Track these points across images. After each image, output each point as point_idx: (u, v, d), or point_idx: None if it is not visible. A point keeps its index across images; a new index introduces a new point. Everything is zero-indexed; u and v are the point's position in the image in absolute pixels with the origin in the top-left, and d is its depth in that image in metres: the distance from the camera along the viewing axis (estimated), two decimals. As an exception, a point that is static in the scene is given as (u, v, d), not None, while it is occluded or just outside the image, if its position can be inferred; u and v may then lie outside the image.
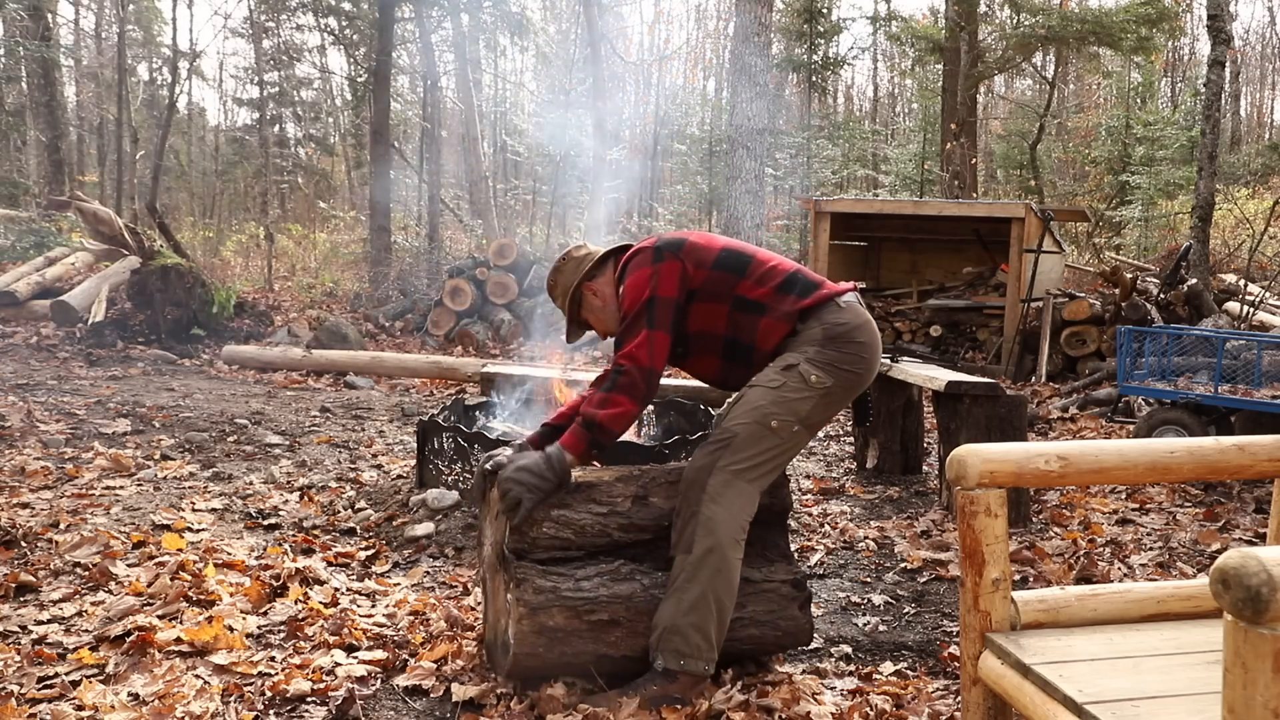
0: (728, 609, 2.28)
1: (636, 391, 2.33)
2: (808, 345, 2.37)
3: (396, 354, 8.60)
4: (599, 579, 2.34)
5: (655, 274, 2.40)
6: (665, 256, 2.42)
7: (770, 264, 2.49)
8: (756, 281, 2.43)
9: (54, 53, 15.43)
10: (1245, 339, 5.06)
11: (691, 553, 2.26)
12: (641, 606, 2.33)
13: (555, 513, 2.34)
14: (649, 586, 2.35)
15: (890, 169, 19.09)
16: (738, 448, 2.31)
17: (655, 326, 2.36)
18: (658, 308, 2.37)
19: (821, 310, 2.40)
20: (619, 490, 2.41)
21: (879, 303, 9.85)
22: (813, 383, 2.33)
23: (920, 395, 4.95)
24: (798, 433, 2.35)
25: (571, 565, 2.35)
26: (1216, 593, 1.12)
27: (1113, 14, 13.06)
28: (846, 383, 2.39)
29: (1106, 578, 3.32)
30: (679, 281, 2.40)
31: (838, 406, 2.44)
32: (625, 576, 2.35)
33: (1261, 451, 1.90)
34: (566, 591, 2.29)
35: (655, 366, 2.35)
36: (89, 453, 4.74)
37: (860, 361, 2.40)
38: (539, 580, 2.29)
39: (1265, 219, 10.37)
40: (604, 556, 2.39)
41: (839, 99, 28.38)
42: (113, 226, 9.92)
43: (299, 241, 17.06)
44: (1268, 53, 28.34)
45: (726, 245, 2.51)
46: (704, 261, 2.44)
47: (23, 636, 2.60)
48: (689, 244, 2.47)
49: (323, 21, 19.19)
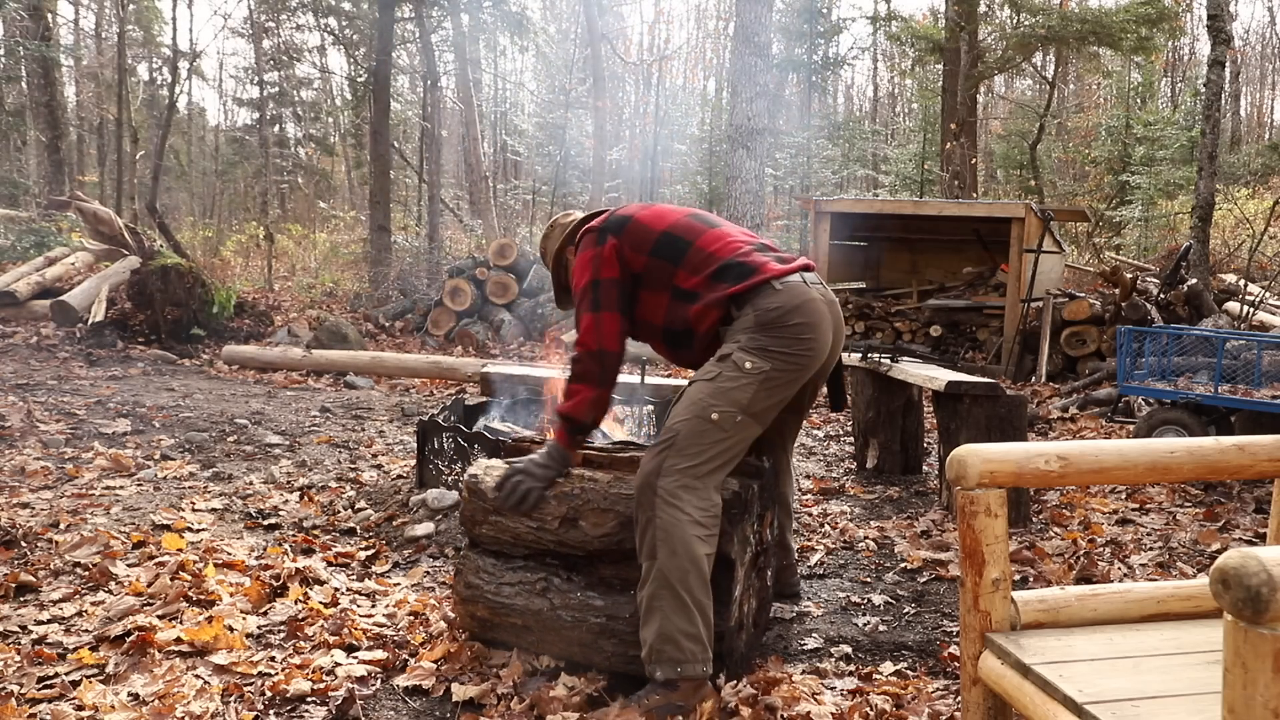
0: (706, 604, 2.27)
1: (591, 376, 2.42)
2: (740, 333, 2.37)
3: (396, 354, 8.60)
4: (519, 588, 2.48)
5: (596, 257, 2.45)
6: (606, 238, 2.47)
7: (711, 248, 2.46)
8: (691, 270, 2.45)
9: (54, 53, 15.43)
10: (1245, 339, 5.06)
11: (657, 559, 2.23)
12: (549, 623, 2.44)
13: (493, 518, 2.48)
14: (557, 606, 2.43)
15: (890, 169, 19.10)
16: (682, 446, 2.29)
17: (600, 309, 2.42)
18: (601, 290, 2.43)
19: (754, 295, 2.39)
20: (550, 510, 2.44)
21: (879, 303, 9.85)
22: (748, 369, 2.32)
23: (920, 395, 4.95)
24: (742, 422, 2.33)
25: (510, 563, 2.51)
26: (1216, 593, 1.12)
27: (1113, 14, 13.06)
28: (786, 365, 2.36)
29: (1106, 578, 3.32)
30: (618, 263, 2.46)
31: (784, 390, 2.40)
32: (539, 592, 2.46)
33: (1261, 451, 1.90)
34: (489, 593, 2.49)
35: (605, 347, 2.41)
36: (89, 453, 4.74)
37: (798, 343, 2.36)
38: (470, 577, 2.50)
39: (1265, 219, 10.37)
40: (545, 559, 2.49)
41: (839, 99, 28.41)
42: (113, 226, 9.92)
43: (299, 241, 17.07)
44: (1268, 53, 28.36)
45: (670, 227, 2.50)
46: (642, 246, 2.47)
47: (23, 636, 2.60)
48: (632, 224, 2.50)
49: (323, 21, 19.20)
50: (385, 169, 12.40)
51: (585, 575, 2.46)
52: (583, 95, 19.52)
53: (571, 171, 19.08)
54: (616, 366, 2.45)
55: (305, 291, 12.95)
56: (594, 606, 2.40)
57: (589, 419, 2.45)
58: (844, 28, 18.96)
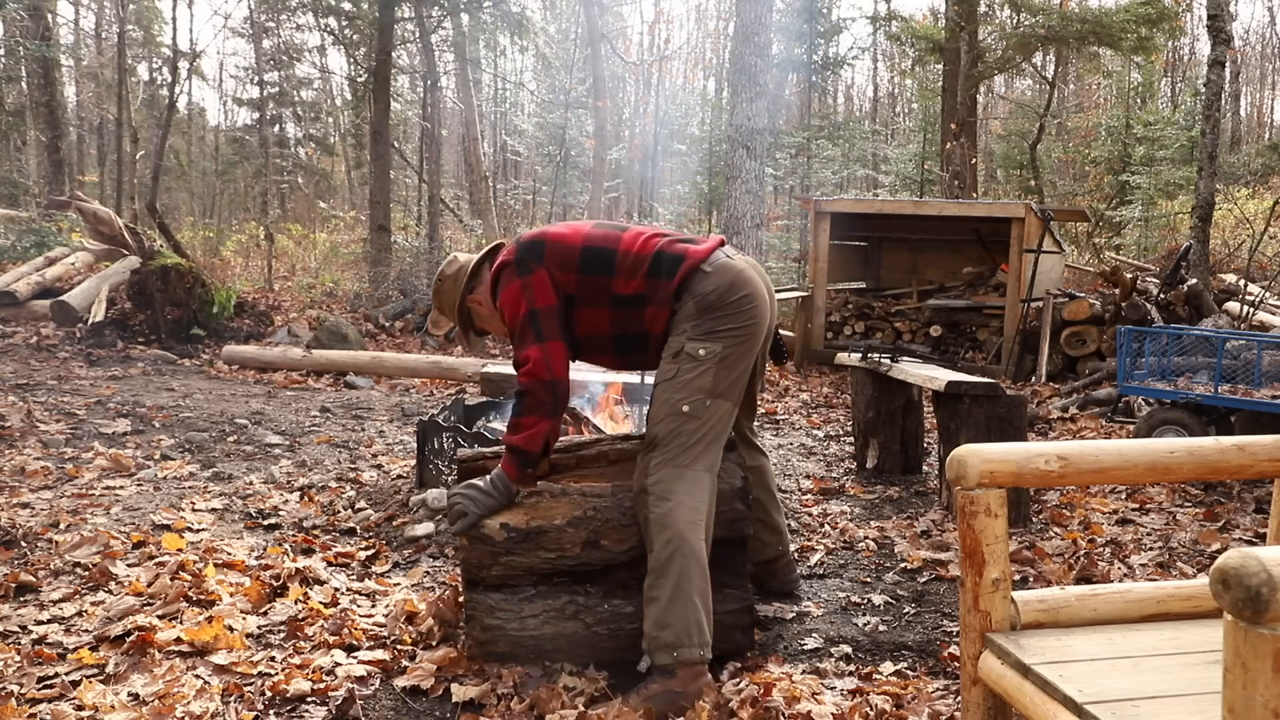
0: (705, 590, 2.33)
1: (544, 408, 2.40)
2: (685, 323, 2.41)
3: (396, 354, 8.60)
4: (544, 616, 2.41)
5: (526, 287, 2.43)
6: (531, 268, 2.44)
7: (634, 249, 2.48)
8: (628, 275, 2.46)
9: (54, 53, 15.42)
10: (1245, 339, 5.06)
11: (654, 550, 2.32)
12: (584, 642, 2.42)
13: (504, 559, 2.40)
14: (591, 625, 2.42)
15: (890, 169, 19.09)
16: (664, 443, 2.38)
17: (544, 339, 2.40)
18: (541, 319, 2.41)
19: (689, 283, 2.42)
20: (569, 537, 2.42)
21: (879, 302, 9.85)
22: (701, 356, 2.39)
23: (920, 395, 4.95)
24: (712, 405, 2.39)
25: (521, 593, 2.42)
26: (1216, 593, 1.12)
27: (1113, 14, 13.05)
28: (736, 340, 2.41)
29: (1106, 578, 3.32)
30: (552, 288, 2.44)
31: (741, 363, 2.45)
32: (570, 615, 2.43)
33: (1261, 451, 1.90)
34: (511, 630, 2.42)
35: (556, 376, 2.40)
36: (89, 453, 4.74)
37: (740, 315, 2.42)
38: (486, 619, 2.40)
39: (1265, 219, 10.37)
40: (554, 579, 2.44)
41: (839, 99, 28.40)
42: (113, 226, 9.92)
43: (299, 241, 17.07)
44: (1268, 53, 28.35)
45: (587, 240, 2.50)
46: (569, 264, 2.46)
47: (23, 636, 2.60)
48: (548, 246, 2.48)
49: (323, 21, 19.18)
50: (385, 169, 12.40)
51: (602, 584, 2.48)
52: (583, 95, 19.52)
53: (571, 171, 19.08)
54: (567, 395, 2.47)
55: (305, 291, 12.95)
56: (625, 614, 2.43)
57: (538, 450, 2.43)
58: (844, 28, 18.96)
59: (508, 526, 2.40)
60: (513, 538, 2.40)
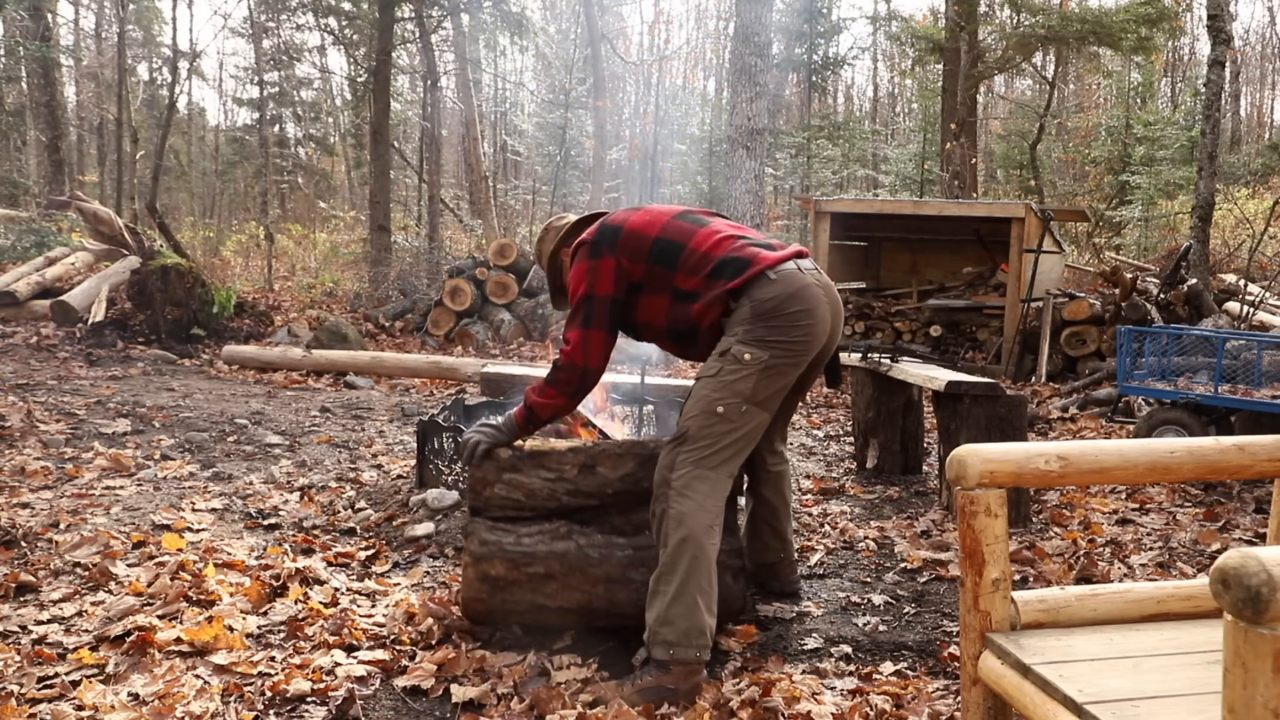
0: (710, 594, 2.35)
1: (568, 388, 2.50)
2: (738, 325, 2.43)
3: (396, 354, 8.60)
4: (539, 536, 2.55)
5: (592, 270, 2.50)
6: (602, 253, 2.50)
7: (704, 248, 2.50)
8: (689, 272, 2.50)
9: (54, 53, 15.43)
10: (1245, 339, 5.06)
11: (668, 546, 2.34)
12: (575, 563, 2.53)
13: (507, 475, 2.56)
14: (584, 546, 2.54)
15: (890, 169, 19.10)
16: (693, 439, 2.39)
17: (591, 325, 2.47)
18: (595, 305, 2.48)
19: (750, 288, 2.43)
20: (568, 459, 2.58)
21: (879, 303, 9.85)
22: (747, 360, 2.39)
23: (920, 395, 4.95)
24: (748, 411, 2.41)
25: (520, 524, 2.58)
26: (1216, 593, 1.12)
27: (1113, 14, 13.05)
28: (785, 352, 2.41)
29: (1106, 578, 3.32)
30: (614, 279, 2.49)
31: (785, 376, 2.45)
32: (563, 536, 2.55)
33: (1261, 451, 1.90)
34: (508, 545, 2.53)
35: (589, 365, 2.48)
36: (89, 453, 4.74)
37: (796, 329, 2.42)
38: (485, 534, 2.54)
39: (1265, 219, 10.37)
40: (552, 518, 2.58)
41: (839, 99, 28.40)
42: (113, 226, 9.93)
43: (299, 241, 17.07)
44: (1268, 53, 28.35)
45: (662, 231, 2.54)
46: (640, 254, 2.51)
47: (23, 636, 2.60)
48: (624, 234, 2.53)
49: (323, 21, 19.18)
50: (385, 169, 12.40)
51: (598, 525, 2.58)
52: (583, 95, 19.52)
53: (571, 171, 19.08)
54: (593, 384, 2.54)
55: (305, 291, 12.95)
56: (619, 543, 2.56)
57: (546, 419, 2.58)
58: (844, 28, 18.99)
59: (513, 447, 2.59)
60: (516, 454, 2.56)
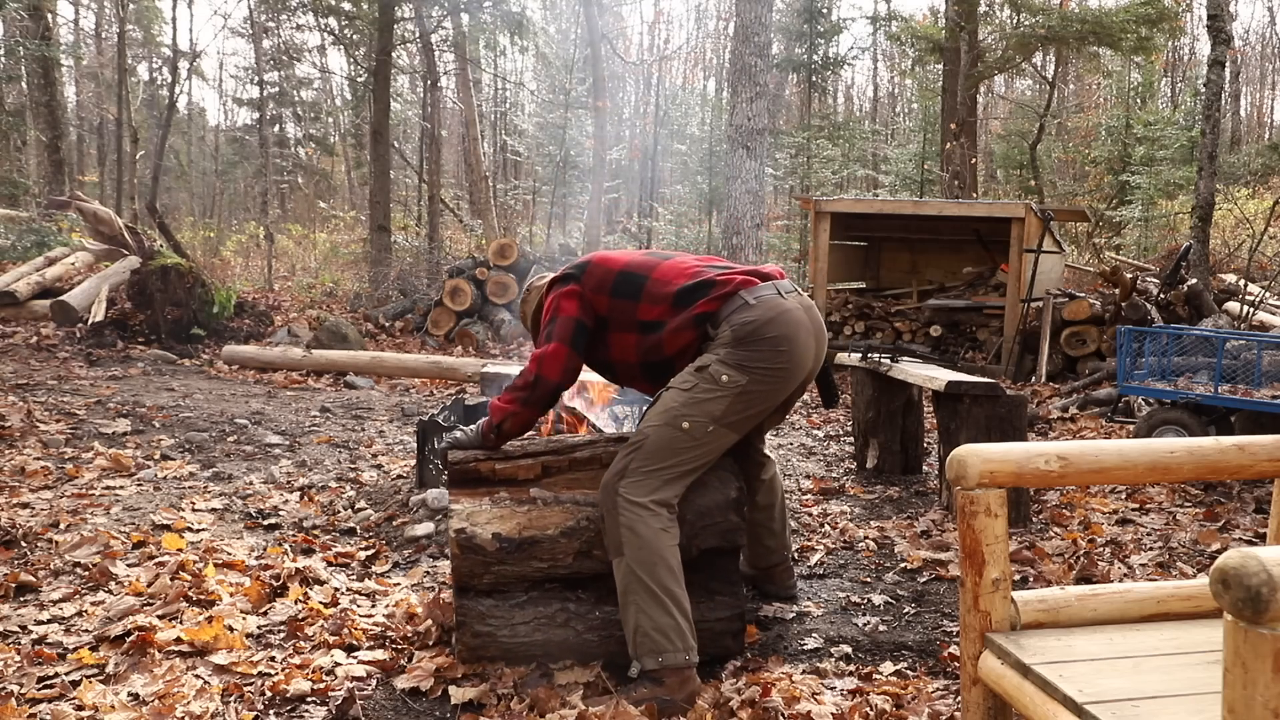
0: (679, 593, 2.32)
1: (520, 395, 2.51)
2: (720, 348, 2.41)
3: (396, 354, 8.60)
4: (535, 623, 2.41)
5: (557, 299, 2.57)
6: (568, 282, 2.57)
7: (667, 277, 2.53)
8: (652, 302, 2.52)
9: (54, 53, 15.42)
10: (1245, 339, 5.06)
11: (624, 554, 2.31)
12: (574, 648, 2.42)
13: (495, 568, 2.39)
14: (583, 632, 2.43)
15: (890, 169, 19.08)
16: (650, 450, 2.36)
17: (553, 339, 2.51)
18: (557, 324, 2.52)
19: (728, 312, 2.42)
20: (562, 547, 2.42)
21: (879, 303, 9.85)
22: (724, 382, 2.37)
23: (920, 395, 4.95)
24: (714, 432, 2.38)
25: (512, 598, 2.42)
26: (1216, 593, 1.12)
27: (1113, 14, 13.05)
28: (764, 378, 2.40)
29: (1106, 578, 3.32)
30: (578, 303, 2.54)
31: (762, 402, 2.44)
32: (561, 623, 2.43)
33: (1261, 451, 1.90)
34: (503, 638, 2.40)
35: (546, 376, 2.48)
36: (89, 453, 4.74)
37: (778, 355, 2.40)
38: (477, 625, 2.39)
39: (1265, 219, 10.36)
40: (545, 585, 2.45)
41: (839, 99, 28.40)
42: (113, 226, 9.91)
43: (299, 241, 17.08)
44: (1268, 53, 28.36)
45: (625, 265, 2.58)
46: (603, 286, 2.55)
47: (23, 636, 2.60)
48: (589, 268, 2.59)
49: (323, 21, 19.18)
50: (385, 169, 12.40)
51: (594, 590, 2.47)
52: (583, 95, 19.51)
53: (571, 171, 19.06)
54: (549, 395, 2.53)
55: (305, 291, 12.95)
56: (616, 621, 2.42)
57: (506, 428, 2.53)
58: (844, 28, 18.95)
59: (500, 536, 2.37)
60: (505, 548, 2.37)
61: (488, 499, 2.47)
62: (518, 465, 2.53)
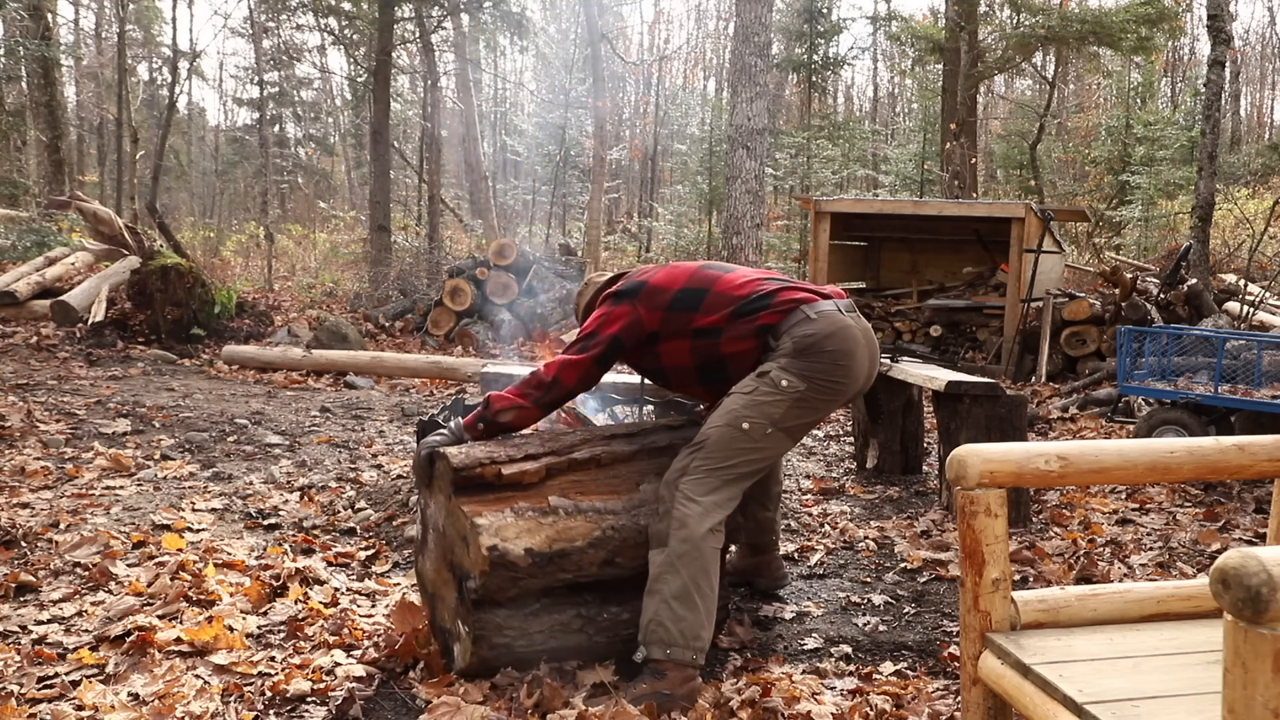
0: (711, 599, 2.34)
1: (530, 393, 2.52)
2: (782, 357, 2.47)
3: (396, 354, 8.60)
4: (550, 631, 2.41)
5: (608, 313, 2.58)
6: (623, 301, 2.59)
7: (728, 290, 2.56)
8: (708, 311, 2.55)
9: (54, 52, 15.42)
10: (1245, 339, 5.06)
11: (668, 546, 2.33)
12: (586, 650, 2.43)
13: (524, 582, 2.33)
14: (594, 635, 2.43)
15: (890, 169, 19.09)
16: (711, 449, 2.42)
17: (584, 351, 2.53)
18: (597, 338, 2.54)
19: (790, 324, 2.48)
20: (589, 558, 2.39)
21: (879, 303, 9.85)
22: (784, 387, 2.42)
23: (920, 395, 4.95)
24: (771, 435, 2.44)
25: (526, 606, 2.39)
26: (1216, 593, 1.12)
27: (1113, 14, 13.06)
28: (821, 389, 2.46)
29: (1106, 578, 3.32)
30: (626, 324, 2.55)
31: (817, 412, 2.51)
32: (576, 630, 2.43)
33: (1261, 451, 1.90)
34: (519, 648, 2.38)
35: (564, 381, 2.52)
36: (89, 453, 4.74)
37: (836, 369, 2.47)
38: (494, 638, 2.36)
39: (1265, 219, 10.37)
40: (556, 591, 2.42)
41: (839, 99, 28.41)
42: (113, 226, 9.92)
43: (299, 241, 17.08)
44: (1268, 53, 28.37)
45: (686, 284, 2.60)
46: (659, 304, 2.57)
47: (23, 636, 2.60)
48: (647, 288, 2.60)
49: (323, 21, 19.19)
50: (385, 169, 12.40)
51: (598, 590, 2.47)
52: (583, 95, 19.51)
53: (571, 171, 19.07)
54: (560, 399, 2.57)
55: (305, 291, 12.95)
56: (622, 621, 2.44)
57: (504, 422, 2.53)
58: (844, 28, 18.95)
59: (532, 551, 2.31)
60: (536, 562, 2.31)
61: (509, 510, 2.36)
62: (523, 469, 2.45)
